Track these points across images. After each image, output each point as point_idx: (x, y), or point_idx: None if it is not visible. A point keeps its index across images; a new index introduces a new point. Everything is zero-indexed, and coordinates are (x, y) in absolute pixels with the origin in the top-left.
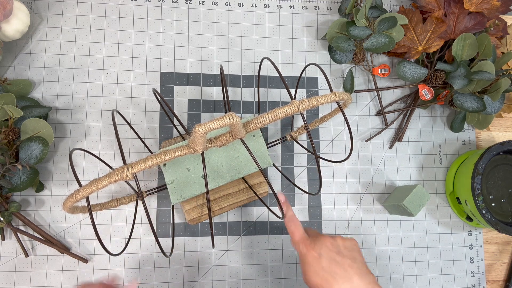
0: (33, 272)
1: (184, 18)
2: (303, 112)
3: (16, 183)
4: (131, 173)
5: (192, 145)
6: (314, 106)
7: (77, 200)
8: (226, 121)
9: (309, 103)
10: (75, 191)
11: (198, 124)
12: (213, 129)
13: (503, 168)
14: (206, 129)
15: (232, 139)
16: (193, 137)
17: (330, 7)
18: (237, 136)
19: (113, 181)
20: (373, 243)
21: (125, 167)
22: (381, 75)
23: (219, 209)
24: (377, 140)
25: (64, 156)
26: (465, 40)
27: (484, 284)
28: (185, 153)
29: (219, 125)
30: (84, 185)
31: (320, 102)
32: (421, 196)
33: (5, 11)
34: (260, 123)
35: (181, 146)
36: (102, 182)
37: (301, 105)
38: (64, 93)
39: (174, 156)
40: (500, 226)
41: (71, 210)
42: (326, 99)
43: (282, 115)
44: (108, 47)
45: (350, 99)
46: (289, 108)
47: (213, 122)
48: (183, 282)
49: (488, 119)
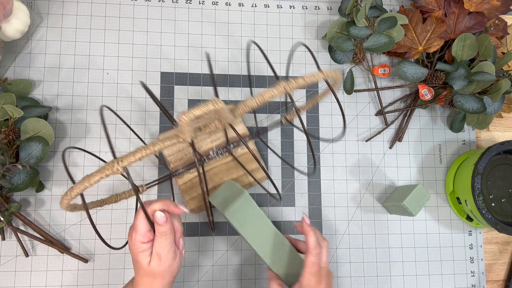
0: (33, 272)
1: (184, 18)
2: (292, 93)
3: (16, 183)
4: (121, 167)
5: (180, 134)
6: (301, 86)
7: (72, 197)
8: (210, 107)
9: (296, 83)
10: (69, 189)
11: (182, 112)
12: (197, 116)
13: (503, 168)
14: (190, 116)
15: (221, 126)
16: (180, 126)
17: (330, 7)
18: (225, 122)
19: (104, 176)
20: (373, 243)
21: (115, 161)
22: (381, 75)
23: None
24: (377, 140)
25: (65, 156)
26: (465, 40)
27: (484, 284)
28: (174, 142)
29: (203, 111)
30: (77, 182)
31: (307, 81)
32: (421, 196)
33: (5, 11)
34: (247, 107)
35: (169, 136)
36: (94, 178)
37: (288, 86)
38: (64, 93)
39: (163, 146)
40: (500, 226)
41: (69, 208)
42: (313, 77)
43: (269, 97)
44: (108, 47)
45: (339, 77)
46: (275, 90)
47: (196, 109)
48: (183, 282)
49: (488, 119)
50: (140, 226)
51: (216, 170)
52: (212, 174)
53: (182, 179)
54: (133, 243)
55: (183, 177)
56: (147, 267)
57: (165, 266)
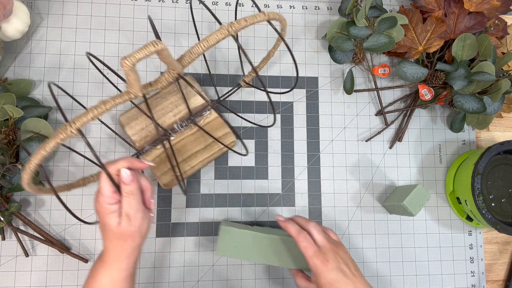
0: (33, 272)
1: (184, 18)
2: (235, 35)
3: (16, 183)
4: (75, 129)
5: (129, 88)
6: (244, 27)
7: (31, 170)
8: (151, 49)
9: (238, 25)
10: (27, 162)
11: (123, 56)
12: (139, 59)
13: (503, 168)
14: (132, 60)
15: (171, 78)
16: (125, 75)
17: (330, 7)
18: (174, 70)
19: (59, 140)
20: (373, 243)
21: (68, 123)
22: (381, 75)
23: (190, 168)
24: (377, 140)
25: (65, 156)
26: (465, 40)
27: (484, 284)
28: (125, 99)
29: (144, 54)
30: (33, 153)
31: (249, 22)
32: (421, 196)
33: (5, 11)
34: (193, 53)
35: (120, 93)
36: (49, 144)
37: (231, 27)
38: (64, 92)
39: (114, 104)
40: (500, 226)
41: (33, 189)
42: (255, 18)
43: (214, 41)
44: (108, 47)
45: (284, 20)
46: (219, 33)
47: (138, 52)
48: (183, 282)
49: (488, 120)
50: (105, 188)
51: (183, 142)
52: (180, 147)
53: (150, 156)
54: (100, 205)
55: (151, 154)
56: (117, 228)
57: (135, 226)
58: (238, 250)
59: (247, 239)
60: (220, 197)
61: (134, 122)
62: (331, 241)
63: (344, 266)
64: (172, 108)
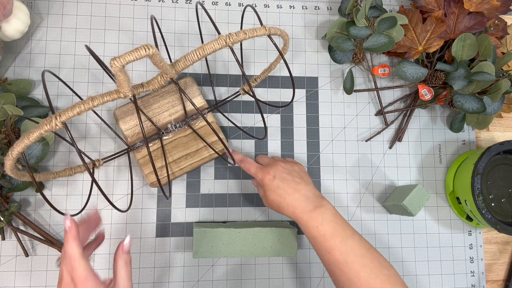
0: (33, 272)
1: (184, 18)
2: (232, 46)
3: (16, 183)
4: (60, 122)
5: (119, 88)
6: (242, 39)
7: (14, 157)
8: (142, 53)
9: (236, 37)
10: (10, 149)
11: (114, 57)
12: (129, 61)
13: (503, 168)
14: (122, 61)
15: (163, 81)
16: (115, 75)
17: (330, 7)
18: (167, 76)
19: (43, 132)
20: (373, 243)
21: (53, 116)
22: (381, 75)
23: (179, 170)
24: (377, 140)
25: (65, 156)
26: (465, 40)
27: (484, 284)
28: (114, 97)
29: (134, 57)
30: (17, 141)
31: (248, 35)
32: (421, 196)
33: (5, 11)
34: (188, 60)
35: (109, 91)
36: (33, 134)
37: (229, 39)
38: (64, 93)
39: (102, 101)
40: (500, 226)
41: (17, 174)
42: (255, 32)
43: (210, 50)
44: (108, 47)
45: (286, 36)
46: (216, 43)
47: (128, 54)
48: (183, 282)
49: (488, 120)
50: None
51: (175, 143)
52: (171, 147)
53: (140, 153)
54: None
55: (141, 151)
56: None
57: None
58: (214, 249)
59: (222, 237)
60: (220, 197)
61: (129, 117)
62: (281, 160)
63: (287, 175)
64: (169, 107)
